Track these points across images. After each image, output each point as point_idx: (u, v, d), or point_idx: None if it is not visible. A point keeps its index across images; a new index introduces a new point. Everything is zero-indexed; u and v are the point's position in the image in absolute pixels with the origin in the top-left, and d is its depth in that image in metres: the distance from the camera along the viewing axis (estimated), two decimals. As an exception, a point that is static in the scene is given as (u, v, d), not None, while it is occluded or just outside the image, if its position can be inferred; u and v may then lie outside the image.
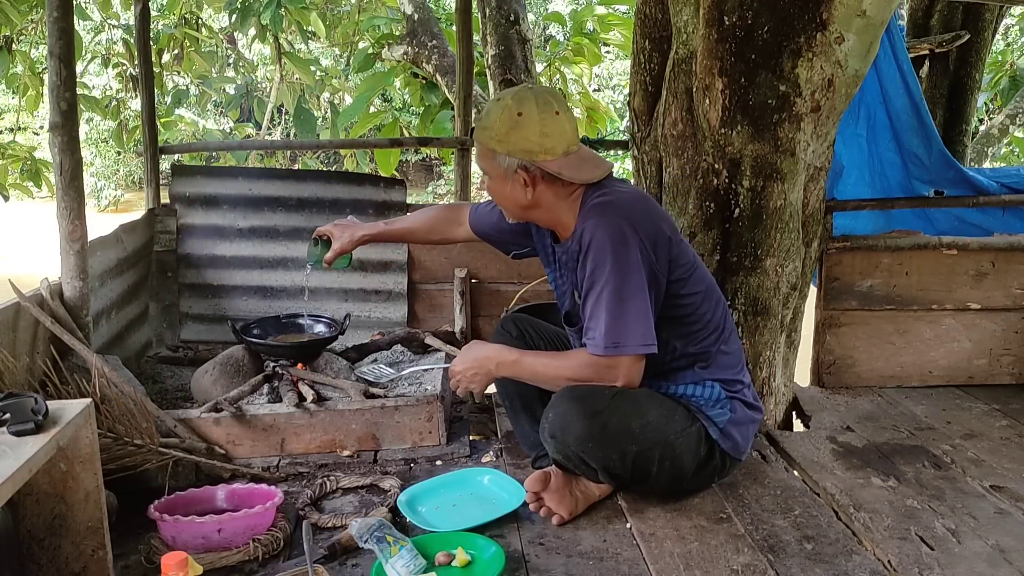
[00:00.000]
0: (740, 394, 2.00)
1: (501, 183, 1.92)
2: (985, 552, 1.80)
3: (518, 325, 2.27)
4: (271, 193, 3.28)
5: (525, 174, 1.87)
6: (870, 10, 2.27)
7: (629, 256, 1.80)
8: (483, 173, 1.97)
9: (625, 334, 1.79)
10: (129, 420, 2.06)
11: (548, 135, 1.84)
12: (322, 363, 2.61)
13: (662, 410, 1.90)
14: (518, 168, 1.86)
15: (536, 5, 14.58)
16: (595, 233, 1.82)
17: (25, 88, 5.79)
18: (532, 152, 1.84)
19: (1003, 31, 9.80)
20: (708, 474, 2.00)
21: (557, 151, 1.85)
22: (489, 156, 1.90)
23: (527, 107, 1.84)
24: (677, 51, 2.59)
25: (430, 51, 5.81)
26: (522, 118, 1.83)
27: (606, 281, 1.79)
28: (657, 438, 1.87)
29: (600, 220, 1.83)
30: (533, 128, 1.83)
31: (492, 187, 1.95)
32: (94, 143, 15.63)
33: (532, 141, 1.84)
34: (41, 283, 2.31)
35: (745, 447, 2.03)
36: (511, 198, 1.93)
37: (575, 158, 1.88)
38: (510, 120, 1.84)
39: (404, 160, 16.36)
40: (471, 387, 2.01)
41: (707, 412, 1.95)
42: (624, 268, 1.79)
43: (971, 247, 2.93)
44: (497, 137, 1.86)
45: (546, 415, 1.88)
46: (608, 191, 1.89)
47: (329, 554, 1.74)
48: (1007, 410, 2.71)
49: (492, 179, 1.94)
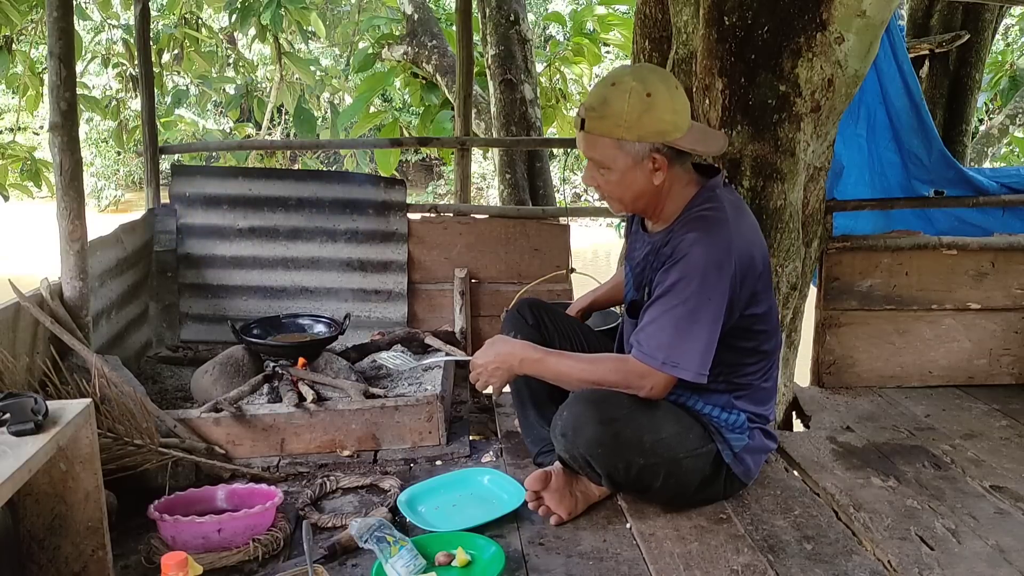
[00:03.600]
0: (761, 424, 1.99)
1: (627, 173, 1.80)
2: (985, 552, 1.80)
3: (534, 312, 2.23)
4: (271, 193, 3.28)
5: (658, 155, 1.77)
6: (870, 10, 2.27)
7: (719, 284, 1.74)
8: (598, 166, 1.83)
9: (685, 357, 1.75)
10: (129, 420, 2.05)
11: (678, 111, 1.76)
12: (322, 363, 2.61)
13: (678, 427, 1.87)
14: (652, 152, 1.77)
15: (536, 5, 14.58)
16: (693, 248, 1.75)
17: (25, 88, 5.80)
18: (665, 132, 1.75)
19: (1003, 31, 9.80)
20: (711, 493, 1.97)
21: (684, 126, 1.78)
22: (612, 146, 1.78)
23: (654, 87, 1.74)
24: (677, 51, 2.59)
25: (430, 51, 5.81)
26: (652, 99, 1.73)
27: (686, 300, 1.74)
28: (666, 455, 1.84)
29: (703, 236, 1.76)
30: (666, 106, 1.74)
31: (612, 180, 1.82)
32: (94, 143, 15.65)
33: (666, 121, 1.75)
34: (41, 283, 2.31)
35: (755, 473, 2.02)
36: (634, 188, 1.82)
37: (699, 131, 1.82)
38: (640, 103, 1.73)
39: (404, 160, 16.38)
40: (491, 382, 1.95)
41: (725, 435, 1.92)
42: (708, 294, 1.74)
43: (971, 247, 2.93)
44: (626, 124, 1.74)
45: (560, 413, 1.86)
46: (719, 205, 1.81)
47: (329, 554, 1.74)
48: (1007, 410, 2.71)
49: (614, 171, 1.81)
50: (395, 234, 3.29)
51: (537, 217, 3.38)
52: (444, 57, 5.75)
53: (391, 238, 3.29)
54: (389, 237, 3.29)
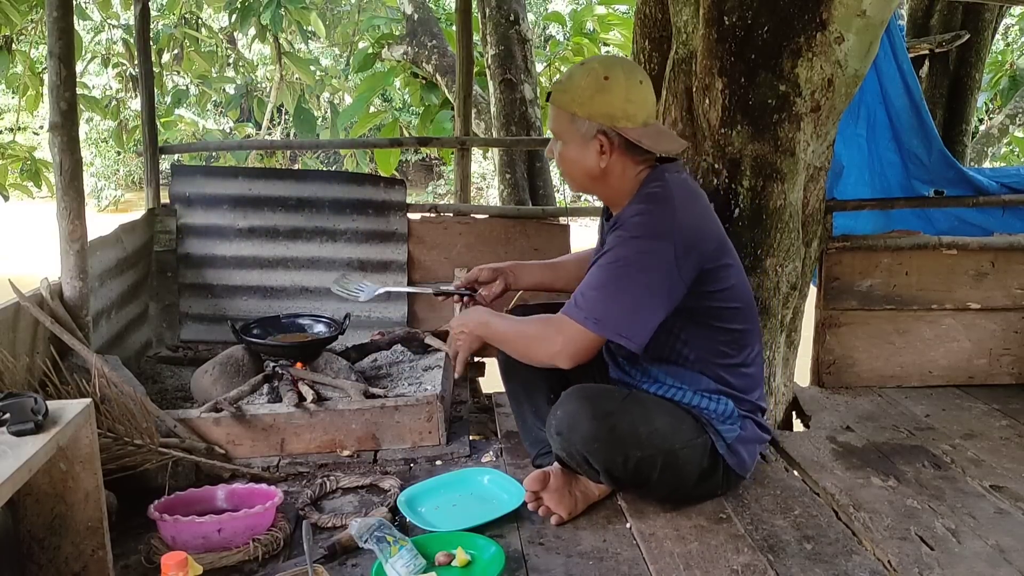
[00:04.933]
0: (753, 415, 1.99)
1: (576, 148, 1.88)
2: (985, 552, 1.80)
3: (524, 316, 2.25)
4: (271, 193, 3.28)
5: (604, 139, 1.84)
6: (870, 10, 2.27)
7: (658, 253, 1.77)
8: (555, 138, 1.92)
9: (610, 316, 1.77)
10: (129, 420, 2.05)
11: (632, 101, 1.82)
12: (322, 363, 2.61)
13: (670, 418, 1.89)
14: (597, 133, 1.83)
15: (536, 5, 14.58)
16: (633, 219, 1.81)
17: (25, 88, 5.80)
18: (614, 117, 1.82)
19: (1003, 31, 9.80)
20: (710, 487, 1.99)
21: (638, 119, 1.84)
22: (567, 120, 1.86)
23: (614, 72, 1.82)
24: (677, 51, 2.59)
25: (430, 51, 5.82)
26: (608, 82, 1.81)
27: (619, 262, 1.78)
28: (662, 446, 1.85)
29: (644, 208, 1.82)
30: (619, 93, 1.81)
31: (564, 153, 1.91)
32: (94, 143, 15.64)
33: (616, 106, 1.81)
34: (41, 283, 2.31)
35: (750, 465, 2.03)
36: (582, 165, 1.89)
37: (654, 129, 1.87)
38: (596, 83, 1.81)
39: (404, 160, 16.37)
40: (458, 347, 1.98)
41: (716, 426, 1.93)
42: (645, 262, 1.77)
43: (971, 247, 2.93)
44: (579, 100, 1.83)
45: (554, 412, 1.87)
46: (664, 184, 1.86)
47: (329, 554, 1.74)
48: (1007, 410, 2.71)
49: (566, 144, 1.89)
50: (395, 234, 3.29)
51: (537, 217, 3.38)
52: (444, 57, 5.76)
53: (391, 238, 3.29)
54: (389, 237, 3.29)
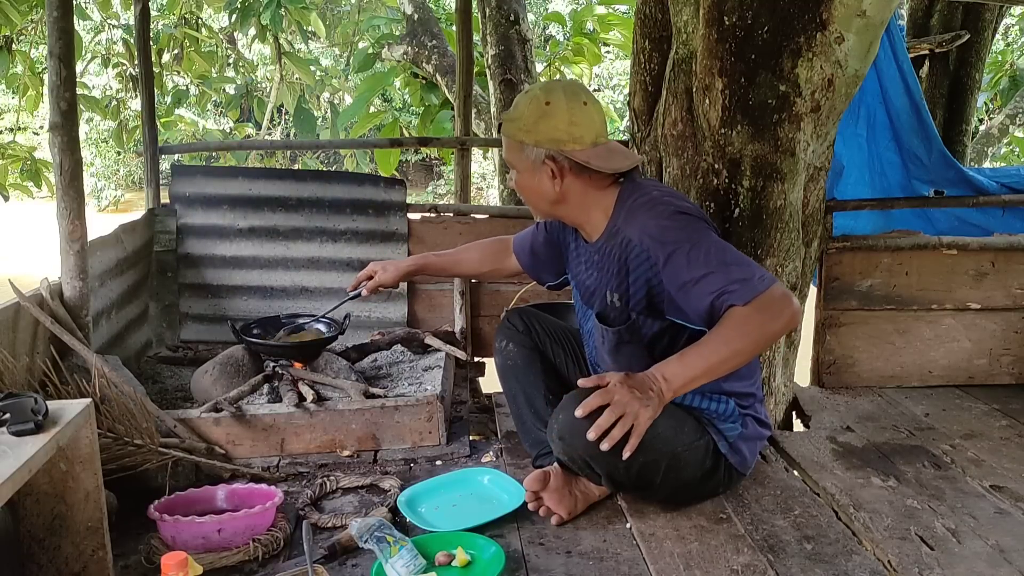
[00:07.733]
0: (752, 409, 1.99)
1: (529, 176, 1.90)
2: (985, 552, 1.80)
3: (523, 319, 2.26)
4: (271, 193, 3.28)
5: (553, 164, 1.85)
6: (870, 10, 2.27)
7: (699, 224, 1.79)
8: (511, 168, 1.95)
9: (752, 269, 1.71)
10: (129, 420, 2.05)
11: (576, 124, 1.83)
12: (322, 363, 2.61)
13: (672, 421, 1.87)
14: (546, 158, 1.85)
15: (536, 5, 14.59)
16: (652, 228, 1.80)
17: (25, 88, 5.79)
18: (560, 141, 1.83)
19: (1003, 31, 9.80)
20: (712, 487, 1.99)
21: (585, 141, 1.84)
22: (517, 148, 1.89)
23: (555, 96, 1.83)
24: (677, 51, 2.59)
25: (430, 51, 5.81)
26: (550, 107, 1.82)
27: (699, 250, 1.73)
28: (665, 449, 1.85)
29: (651, 213, 1.82)
30: (561, 117, 1.82)
31: (520, 181, 1.93)
32: (94, 143, 15.64)
33: (560, 130, 1.83)
34: (41, 283, 2.31)
35: (751, 462, 2.03)
36: (538, 191, 1.91)
37: (604, 149, 1.87)
38: (538, 110, 1.83)
39: (404, 160, 16.37)
40: (640, 424, 1.66)
41: (718, 425, 1.94)
42: (700, 232, 1.77)
43: (971, 247, 2.93)
44: (525, 128, 1.85)
45: (555, 416, 1.86)
46: (647, 192, 1.87)
47: (329, 554, 1.74)
48: (1007, 410, 2.71)
49: (520, 173, 1.92)
50: (395, 234, 3.29)
51: (537, 217, 3.38)
52: (444, 57, 5.75)
53: (391, 238, 3.29)
54: (389, 237, 3.29)
